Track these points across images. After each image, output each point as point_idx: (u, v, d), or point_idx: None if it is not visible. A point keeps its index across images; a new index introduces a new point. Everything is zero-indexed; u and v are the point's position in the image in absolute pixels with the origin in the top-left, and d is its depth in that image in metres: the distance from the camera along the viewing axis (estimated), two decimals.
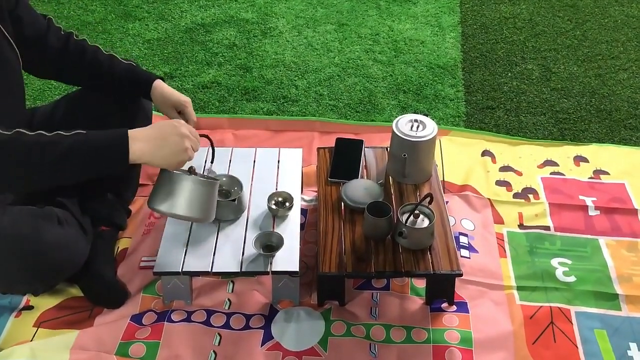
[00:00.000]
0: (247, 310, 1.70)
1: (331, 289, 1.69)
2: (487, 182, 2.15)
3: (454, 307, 1.71)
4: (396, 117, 1.85)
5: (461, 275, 1.64)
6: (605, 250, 1.91)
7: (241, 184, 1.77)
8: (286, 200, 1.79)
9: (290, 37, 3.00)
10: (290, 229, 1.73)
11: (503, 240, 1.94)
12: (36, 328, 1.66)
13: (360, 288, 1.76)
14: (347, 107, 2.56)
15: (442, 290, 1.71)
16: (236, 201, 1.74)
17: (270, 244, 1.67)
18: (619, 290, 1.78)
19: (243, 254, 1.66)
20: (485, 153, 2.27)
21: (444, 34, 3.03)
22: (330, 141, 2.09)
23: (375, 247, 1.67)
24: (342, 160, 1.92)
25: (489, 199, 2.08)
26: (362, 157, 1.94)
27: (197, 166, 1.73)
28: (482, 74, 2.77)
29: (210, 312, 1.69)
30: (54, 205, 1.68)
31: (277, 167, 1.94)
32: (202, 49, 2.90)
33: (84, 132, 1.42)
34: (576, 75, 2.76)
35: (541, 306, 1.73)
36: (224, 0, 3.28)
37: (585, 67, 2.81)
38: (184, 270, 1.63)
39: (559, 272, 1.83)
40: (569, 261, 1.87)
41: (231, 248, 1.68)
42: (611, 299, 1.76)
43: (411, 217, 1.65)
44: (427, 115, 1.83)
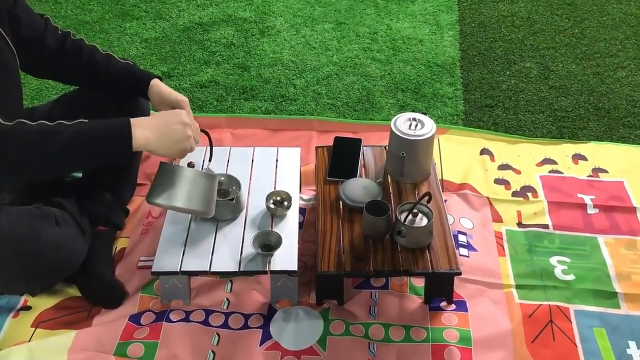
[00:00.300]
0: (245, 310, 1.70)
1: (330, 288, 1.69)
2: (486, 180, 2.15)
3: (453, 306, 1.71)
4: (394, 115, 1.85)
5: (460, 274, 1.63)
6: (604, 249, 1.91)
7: (239, 184, 1.77)
8: (284, 199, 1.78)
9: (288, 36, 3.00)
10: (289, 228, 1.73)
11: (502, 239, 1.94)
12: (34, 328, 1.66)
13: (359, 287, 1.76)
14: (346, 105, 2.55)
15: (441, 289, 1.70)
16: (234, 200, 1.73)
17: (269, 243, 1.67)
18: (617, 288, 1.78)
19: (241, 253, 1.66)
20: (483, 151, 2.27)
21: (442, 33, 3.03)
22: (328, 140, 2.09)
23: (374, 246, 1.67)
24: (341, 159, 1.92)
25: (488, 198, 2.08)
26: (361, 156, 1.93)
27: (196, 165, 1.73)
28: (480, 72, 2.77)
29: (208, 312, 1.69)
30: (52, 205, 1.68)
31: (276, 166, 1.93)
32: (200, 48, 2.90)
33: (86, 120, 1.42)
34: (574, 73, 2.76)
35: (540, 305, 1.73)
36: None
37: (583, 65, 2.81)
38: (182, 270, 1.63)
39: (558, 271, 1.83)
40: (567, 259, 1.87)
41: (229, 247, 1.68)
42: (610, 297, 1.76)
43: (410, 216, 1.64)
44: (426, 114, 1.83)
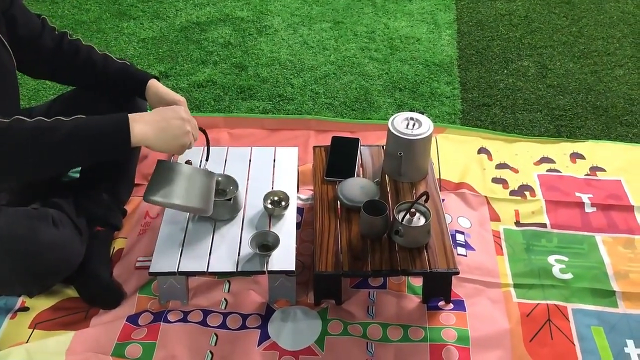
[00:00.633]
0: (243, 310, 1.70)
1: (328, 288, 1.69)
2: (484, 179, 2.15)
3: (451, 306, 1.71)
4: (392, 115, 1.85)
5: (458, 273, 1.63)
6: (601, 247, 1.91)
7: (237, 183, 1.76)
8: (282, 199, 1.78)
9: (286, 35, 3.00)
10: (287, 228, 1.73)
11: (500, 238, 1.94)
12: (32, 329, 1.66)
13: (357, 287, 1.76)
14: (343, 105, 2.55)
15: (438, 289, 1.70)
16: (232, 200, 1.73)
17: (267, 243, 1.66)
18: (615, 287, 1.78)
19: (239, 253, 1.66)
20: (481, 150, 2.27)
21: (440, 31, 3.03)
22: (326, 140, 2.09)
23: (372, 245, 1.67)
24: (338, 159, 1.92)
25: (486, 197, 2.08)
26: (358, 156, 1.93)
27: (193, 164, 1.73)
28: (478, 71, 2.77)
29: (206, 312, 1.69)
30: (49, 206, 1.68)
31: (273, 166, 1.93)
32: (197, 47, 2.90)
33: (83, 116, 1.42)
34: (572, 71, 2.76)
35: (538, 304, 1.73)
36: None
37: (581, 64, 2.81)
38: (180, 270, 1.62)
39: (556, 270, 1.83)
40: (565, 258, 1.87)
41: (227, 248, 1.68)
42: (608, 295, 1.77)
43: (407, 216, 1.64)
44: (423, 113, 1.82)
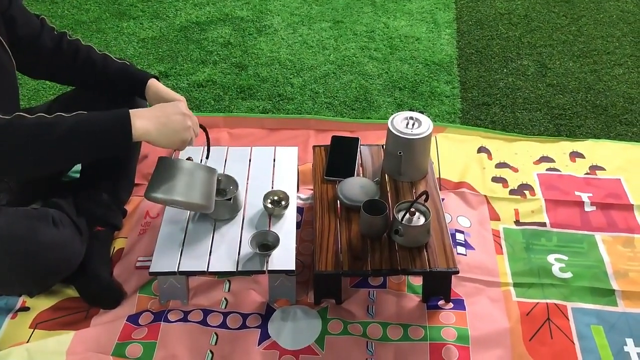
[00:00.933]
0: (243, 310, 1.70)
1: (328, 288, 1.69)
2: (483, 178, 2.15)
3: (451, 305, 1.71)
4: (392, 114, 1.85)
5: (457, 272, 1.63)
6: (601, 246, 1.91)
7: (237, 183, 1.76)
8: (282, 199, 1.78)
9: (286, 35, 3.00)
10: (287, 228, 1.73)
11: (499, 237, 1.94)
12: (32, 329, 1.66)
13: (357, 286, 1.76)
14: (343, 104, 2.55)
15: (438, 288, 1.71)
16: (232, 200, 1.73)
17: (267, 243, 1.66)
18: (615, 286, 1.79)
19: (239, 253, 1.66)
20: (481, 150, 2.27)
21: (440, 31, 3.03)
22: (326, 139, 2.09)
23: (372, 245, 1.67)
24: (338, 159, 1.92)
25: (485, 196, 2.08)
26: (358, 155, 1.93)
27: None
28: (477, 70, 2.77)
29: (206, 312, 1.69)
30: (49, 205, 1.68)
31: (273, 165, 1.93)
32: (197, 47, 2.90)
33: (84, 112, 1.42)
34: (572, 70, 2.76)
35: (538, 303, 1.74)
36: None
37: (580, 63, 2.81)
38: (180, 270, 1.63)
39: (555, 269, 1.83)
40: (565, 257, 1.87)
41: (227, 247, 1.68)
42: (607, 294, 1.77)
43: (407, 215, 1.64)
44: (423, 113, 1.83)
